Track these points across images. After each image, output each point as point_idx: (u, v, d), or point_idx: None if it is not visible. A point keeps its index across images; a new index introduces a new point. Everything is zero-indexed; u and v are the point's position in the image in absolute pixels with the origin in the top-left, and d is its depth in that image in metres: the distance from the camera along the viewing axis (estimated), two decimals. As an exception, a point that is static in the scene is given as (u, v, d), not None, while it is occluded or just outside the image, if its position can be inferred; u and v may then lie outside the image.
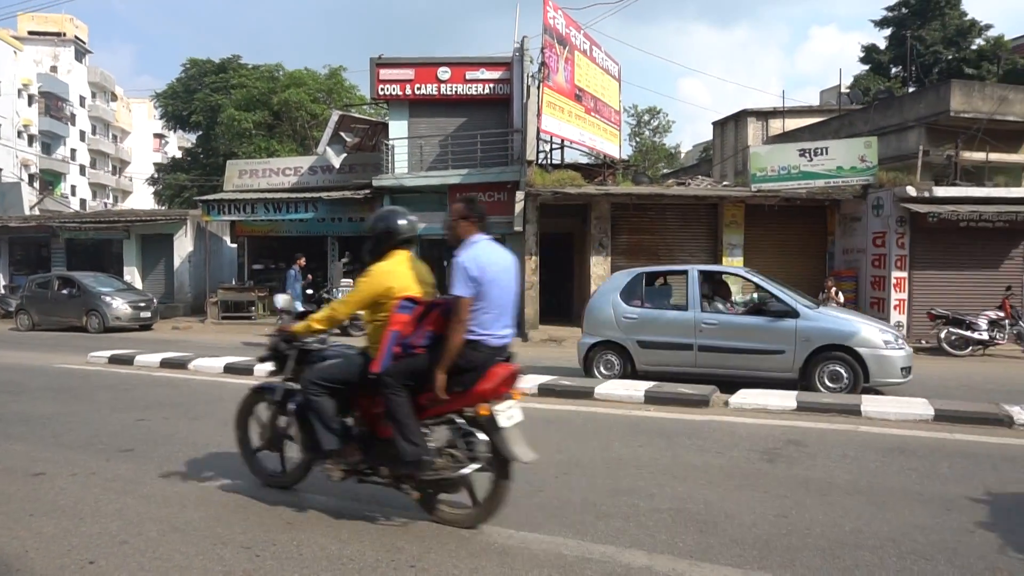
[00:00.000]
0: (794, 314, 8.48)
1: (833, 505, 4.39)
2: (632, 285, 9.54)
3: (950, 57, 34.41)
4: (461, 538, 3.83)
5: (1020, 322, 13.87)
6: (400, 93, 19.37)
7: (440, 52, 22.13)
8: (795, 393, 7.59)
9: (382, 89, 19.43)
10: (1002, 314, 13.90)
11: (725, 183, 20.20)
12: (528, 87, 17.10)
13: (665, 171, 42.15)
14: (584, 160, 20.65)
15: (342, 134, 20.75)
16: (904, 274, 15.31)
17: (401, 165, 19.14)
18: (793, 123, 27.43)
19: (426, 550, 3.67)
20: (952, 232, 15.17)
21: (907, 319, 15.22)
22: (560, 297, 19.14)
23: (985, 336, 13.53)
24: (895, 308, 15.23)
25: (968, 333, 13.56)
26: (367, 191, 18.93)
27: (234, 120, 32.01)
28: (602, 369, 9.41)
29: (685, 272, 9.37)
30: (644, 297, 9.51)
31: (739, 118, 28.67)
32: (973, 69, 32.54)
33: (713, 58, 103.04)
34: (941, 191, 15.32)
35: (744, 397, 7.36)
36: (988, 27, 34.99)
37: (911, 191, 15.03)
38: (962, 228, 15.05)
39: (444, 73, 19.20)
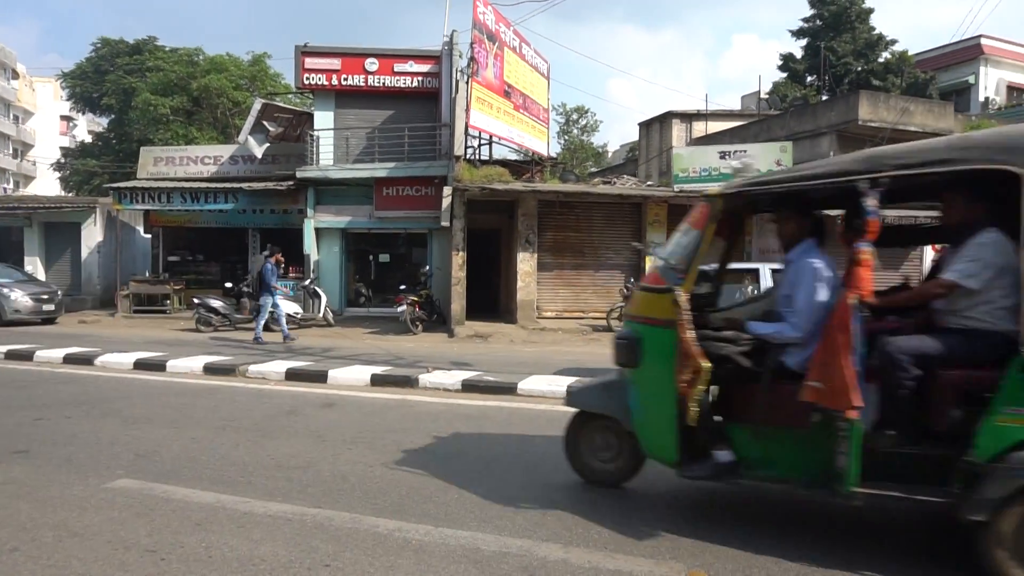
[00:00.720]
0: None
1: (742, 496, 4.53)
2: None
3: (859, 69, 36.24)
4: (377, 535, 3.79)
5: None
6: (326, 83, 18.95)
7: (368, 43, 21.77)
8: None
9: (307, 78, 18.97)
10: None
11: (649, 183, 20.67)
12: (457, 82, 17.02)
13: (593, 170, 42.76)
14: (513, 157, 20.72)
15: (265, 123, 20.14)
16: (815, 274, 16.02)
17: (326, 157, 18.74)
18: (716, 126, 28.30)
19: (341, 548, 3.61)
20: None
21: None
22: (487, 293, 19.17)
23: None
24: (806, 306, 15.92)
25: (871, 330, 14.33)
26: (291, 183, 18.47)
27: (150, 105, 30.60)
28: None
29: (756, 270, 8.83)
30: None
31: (664, 119, 29.35)
32: (880, 81, 34.39)
33: (641, 60, 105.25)
34: (849, 195, 16.11)
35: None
36: (893, 42, 37.05)
37: (822, 194, 15.74)
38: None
39: (372, 64, 18.90)
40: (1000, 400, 3.20)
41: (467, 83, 16.57)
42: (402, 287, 16.36)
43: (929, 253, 16.55)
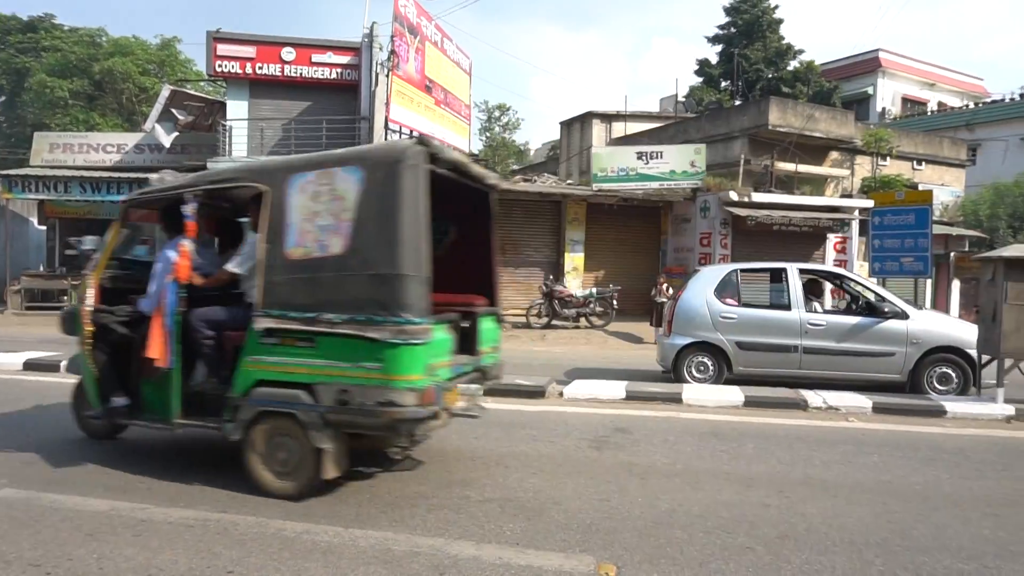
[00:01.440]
0: (904, 316, 8.24)
1: (652, 487, 4.67)
2: (725, 282, 8.99)
3: (770, 76, 37.83)
4: (284, 539, 3.68)
5: (820, 317, 15.52)
6: (240, 71, 18.27)
7: (285, 31, 21.09)
8: (624, 383, 8.01)
9: (220, 66, 18.24)
10: (806, 309, 15.50)
11: (569, 182, 20.95)
12: (377, 75, 16.76)
13: (514, 167, 43.00)
14: (434, 152, 20.55)
15: (174, 111, 19.26)
16: (726, 272, 16.65)
17: (240, 148, 18.09)
18: (635, 127, 28.95)
19: (245, 554, 3.49)
20: (767, 234, 16.70)
21: (728, 313, 16.57)
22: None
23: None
24: (718, 303, 16.53)
25: (778, 326, 15.00)
26: (201, 174, 17.71)
27: (46, 87, 28.75)
28: (694, 372, 8.69)
29: (783, 270, 8.91)
30: (739, 295, 8.96)
31: (585, 119, 29.80)
32: (789, 88, 35.98)
33: (564, 59, 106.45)
34: (759, 197, 16.82)
35: (577, 388, 7.67)
36: (801, 51, 38.86)
37: (733, 196, 16.37)
38: (775, 231, 16.61)
39: (289, 54, 18.35)
40: (245, 351, 4.37)
41: (387, 76, 16.35)
42: None
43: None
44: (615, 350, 13.84)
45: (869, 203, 17.34)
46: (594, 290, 16.28)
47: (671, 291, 15.25)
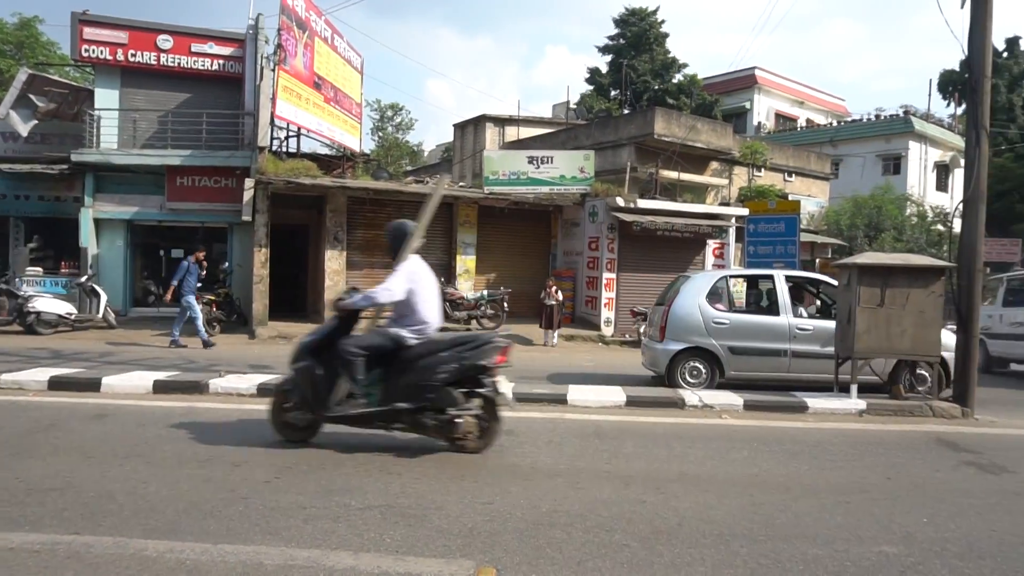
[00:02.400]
0: None
1: (534, 489, 4.72)
2: (716, 288, 9.16)
3: (656, 87, 39.42)
4: (144, 560, 3.44)
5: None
6: (110, 58, 17.06)
7: (162, 17, 19.87)
8: (511, 385, 8.04)
9: (87, 51, 16.96)
10: (686, 312, 16.22)
11: (462, 184, 20.94)
12: (262, 69, 16.12)
13: (408, 168, 42.58)
14: (323, 151, 20.04)
15: (33, 97, 17.69)
16: (613, 275, 17.17)
17: (110, 140, 16.89)
18: (527, 131, 29.38)
19: (98, 577, 3.23)
20: (652, 239, 17.34)
21: (615, 316, 17.09)
22: (294, 292, 18.36)
23: (673, 331, 15.66)
24: (605, 306, 17.01)
25: (661, 328, 15.61)
26: (64, 166, 16.42)
27: None
28: (688, 377, 8.86)
29: (771, 276, 9.13)
30: (730, 301, 8.98)
31: (479, 123, 29.96)
32: (674, 100, 37.62)
33: (458, 62, 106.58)
34: (644, 203, 17.45)
35: (465, 390, 7.64)
36: (685, 65, 40.73)
37: (620, 201, 16.90)
38: (659, 236, 17.28)
39: (165, 42, 17.32)
40: None
41: (273, 71, 15.76)
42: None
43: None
44: (506, 352, 13.93)
45: (744, 211, 18.39)
46: (485, 292, 16.36)
47: (560, 294, 15.55)
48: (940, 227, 28.41)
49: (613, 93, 40.47)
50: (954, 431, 7.09)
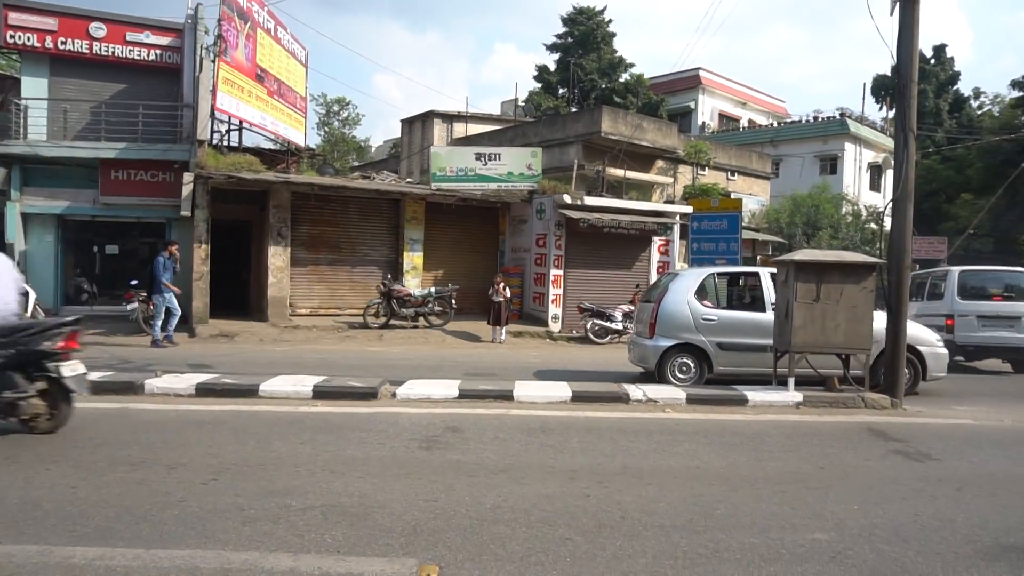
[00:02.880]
0: None
1: (479, 485, 4.72)
2: (703, 285, 9.31)
3: (603, 86, 39.81)
4: (72, 568, 3.30)
5: (645, 315, 16.54)
6: (38, 45, 16.30)
7: (93, 4, 18.97)
8: (457, 382, 8.06)
9: (12, 36, 16.15)
10: (633, 307, 16.45)
11: (409, 180, 20.78)
12: (202, 60, 15.65)
13: (355, 164, 42.05)
14: (268, 145, 19.60)
15: (-48, 84, 16.82)
16: (561, 272, 17.28)
17: (38, 131, 16.14)
18: (476, 128, 29.33)
19: (20, 587, 3.10)
20: (599, 236, 17.51)
21: (562, 312, 17.21)
22: (236, 289, 17.93)
23: (620, 326, 15.90)
24: (553, 302, 17.11)
25: (608, 324, 15.81)
26: (-12, 158, 15.64)
27: None
28: (677, 373, 8.96)
29: (756, 273, 9.33)
30: (717, 298, 9.20)
31: (427, 118, 29.76)
32: (620, 98, 38.05)
33: (406, 57, 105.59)
34: (591, 200, 17.60)
35: (410, 388, 7.60)
36: (632, 65, 41.23)
37: (567, 199, 17.01)
38: (605, 233, 17.45)
39: (98, 30, 16.65)
40: None
41: (214, 62, 15.34)
42: (133, 282, 14.64)
43: (655, 257, 18.63)
44: (453, 349, 13.91)
45: (689, 209, 18.74)
46: (433, 289, 16.27)
47: (508, 291, 15.58)
48: (873, 225, 29.50)
49: (561, 91, 40.71)
50: (884, 421, 7.37)
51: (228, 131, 17.56)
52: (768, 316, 8.94)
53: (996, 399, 9.40)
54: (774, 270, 9.14)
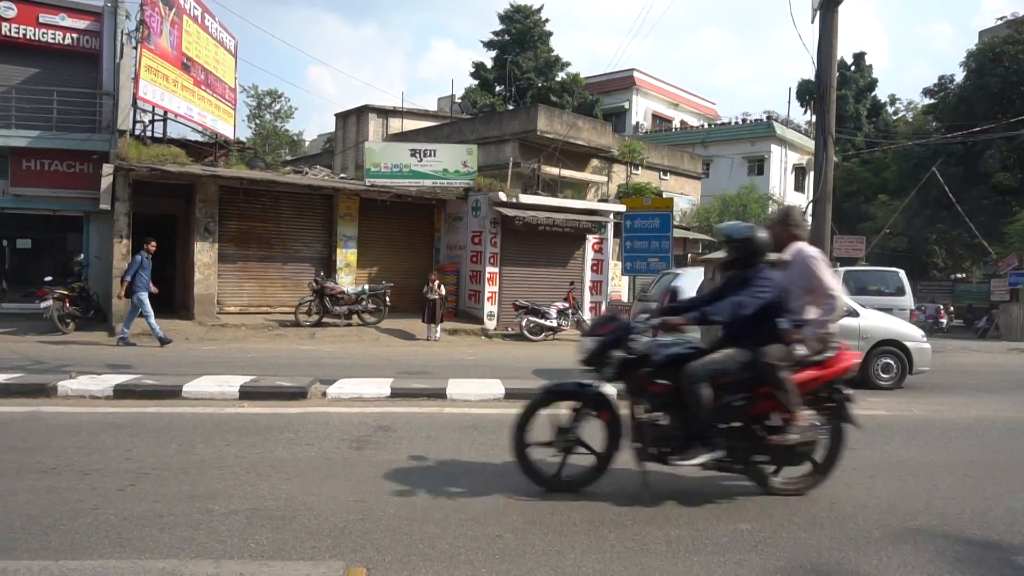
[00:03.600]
0: (855, 313, 9.38)
1: (410, 485, 4.67)
2: (703, 286, 9.62)
3: (540, 85, 40.06)
4: (-30, 581, 3.12)
5: (579, 311, 16.79)
6: (-59, 25, 15.29)
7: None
8: (389, 381, 7.97)
9: (-89, 15, 15.11)
10: (567, 305, 16.66)
11: (343, 176, 20.43)
12: (123, 46, 14.99)
13: (288, 158, 41.09)
14: (195, 137, 18.95)
15: None
16: (496, 269, 17.31)
17: (-59, 117, 15.15)
18: (412, 124, 29.04)
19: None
20: (534, 234, 17.62)
21: (498, 309, 17.25)
22: (160, 286, 17.19)
23: (555, 323, 16.05)
24: (488, 300, 17.13)
25: (542, 321, 15.93)
26: None
27: None
28: None
29: None
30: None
31: (362, 113, 29.29)
32: (557, 97, 38.38)
33: (342, 51, 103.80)
34: (526, 198, 17.69)
35: (341, 387, 7.48)
36: (568, 64, 41.64)
37: (503, 196, 17.05)
38: (541, 231, 17.58)
39: (8, 10, 15.70)
40: None
41: (136, 48, 14.71)
42: (47, 279, 13.91)
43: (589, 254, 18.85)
44: (386, 347, 13.76)
45: (622, 208, 19.02)
46: (367, 287, 16.04)
47: (443, 288, 15.50)
48: (799, 225, 30.62)
49: (498, 88, 40.77)
50: (805, 414, 7.66)
51: (152, 121, 16.85)
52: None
53: (908, 391, 9.88)
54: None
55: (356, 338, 14.47)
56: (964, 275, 37.76)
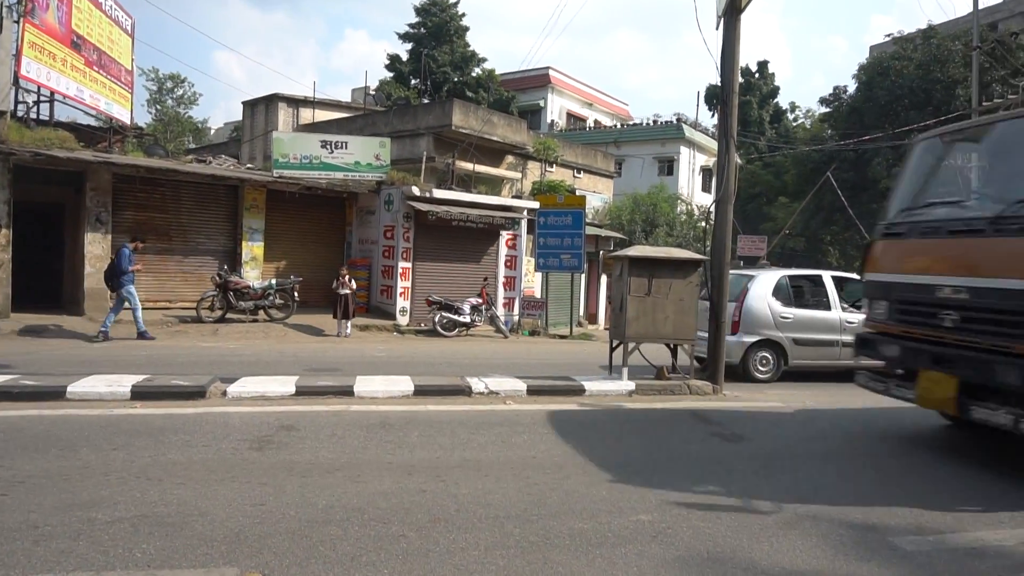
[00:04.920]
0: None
1: (312, 485, 4.54)
2: (778, 286, 10.41)
3: (456, 79, 39.88)
4: None
5: (493, 307, 16.83)
6: None
7: None
8: (295, 378, 7.74)
9: None
10: (480, 301, 16.66)
11: (250, 166, 19.70)
12: (2, 19, 13.86)
13: (192, 146, 39.33)
14: (87, 121, 17.79)
15: None
16: (409, 264, 17.12)
17: None
18: (324, 115, 28.32)
19: None
20: (447, 229, 17.51)
21: (410, 305, 17.06)
22: (46, 279, 16.10)
23: (468, 319, 16.02)
24: (401, 295, 16.92)
25: (456, 317, 15.88)
26: None
27: None
28: (759, 366, 10.24)
29: (820, 276, 10.61)
30: (790, 298, 10.41)
31: (271, 102, 28.34)
32: (472, 93, 38.32)
33: (250, 36, 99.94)
34: (440, 193, 17.57)
35: (243, 385, 7.19)
36: (484, 60, 41.65)
37: (416, 191, 16.86)
38: (454, 226, 17.49)
39: None
40: None
41: (17, 23, 13.65)
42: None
43: (503, 250, 18.93)
44: (295, 344, 13.36)
45: (536, 205, 19.20)
46: (274, 281, 15.51)
47: (353, 283, 15.20)
48: (704, 224, 31.83)
49: (413, 82, 40.31)
50: (706, 406, 7.96)
51: (37, 103, 15.70)
52: (834, 314, 10.37)
53: (803, 385, 10.40)
54: (836, 273, 10.94)
55: (262, 334, 13.97)
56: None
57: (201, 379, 7.25)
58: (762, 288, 10.51)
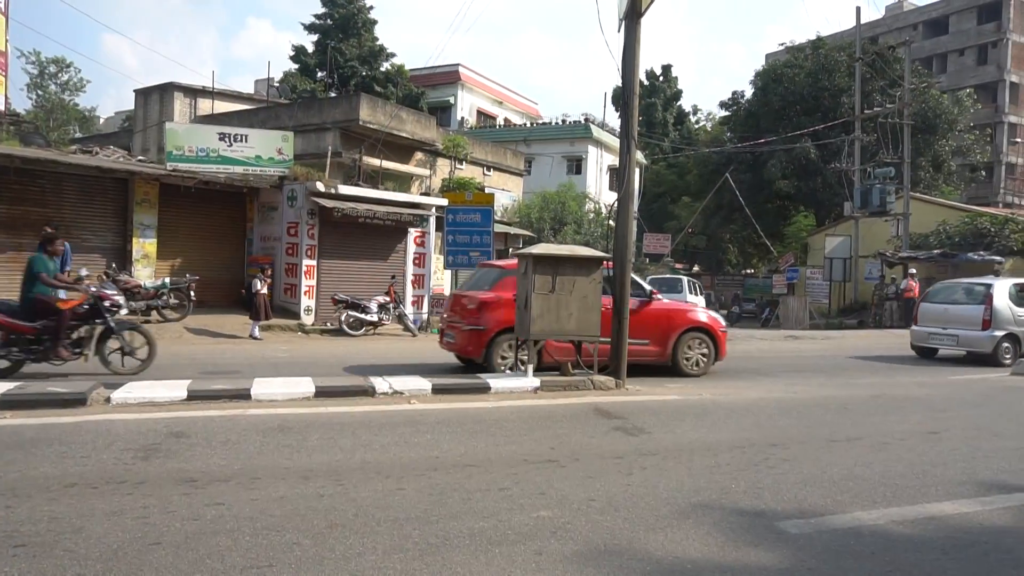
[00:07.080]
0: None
1: (201, 495, 4.32)
2: (1010, 292, 13.03)
3: (364, 74, 39.16)
4: None
5: (401, 305, 16.64)
6: None
7: None
8: (186, 383, 7.38)
9: None
10: (388, 299, 16.44)
11: (141, 158, 18.66)
12: None
13: (78, 135, 36.90)
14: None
15: None
16: (314, 262, 16.67)
17: None
18: (224, 106, 27.19)
19: None
20: (354, 226, 17.17)
21: (315, 304, 16.62)
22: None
23: (375, 318, 15.77)
24: (305, 293, 16.46)
25: (363, 316, 15.60)
26: None
27: None
28: (1003, 354, 12.65)
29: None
30: (1020, 301, 12.99)
31: (166, 91, 26.99)
32: (381, 88, 37.73)
33: (143, 21, 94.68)
34: (346, 189, 17.20)
35: (129, 391, 6.79)
36: (393, 55, 41.12)
37: (320, 187, 16.44)
38: (361, 223, 17.17)
39: None
40: None
41: None
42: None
43: (411, 251, 18.74)
44: (191, 345, 12.77)
45: (444, 202, 19.11)
46: (167, 280, 14.76)
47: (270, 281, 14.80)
48: (610, 222, 32.61)
49: (319, 75, 39.31)
50: (609, 401, 8.12)
51: None
52: None
53: (701, 376, 10.80)
54: None
55: (156, 335, 13.24)
56: (753, 271, 42.21)
57: (81, 385, 6.80)
58: (1004, 293, 13.13)
